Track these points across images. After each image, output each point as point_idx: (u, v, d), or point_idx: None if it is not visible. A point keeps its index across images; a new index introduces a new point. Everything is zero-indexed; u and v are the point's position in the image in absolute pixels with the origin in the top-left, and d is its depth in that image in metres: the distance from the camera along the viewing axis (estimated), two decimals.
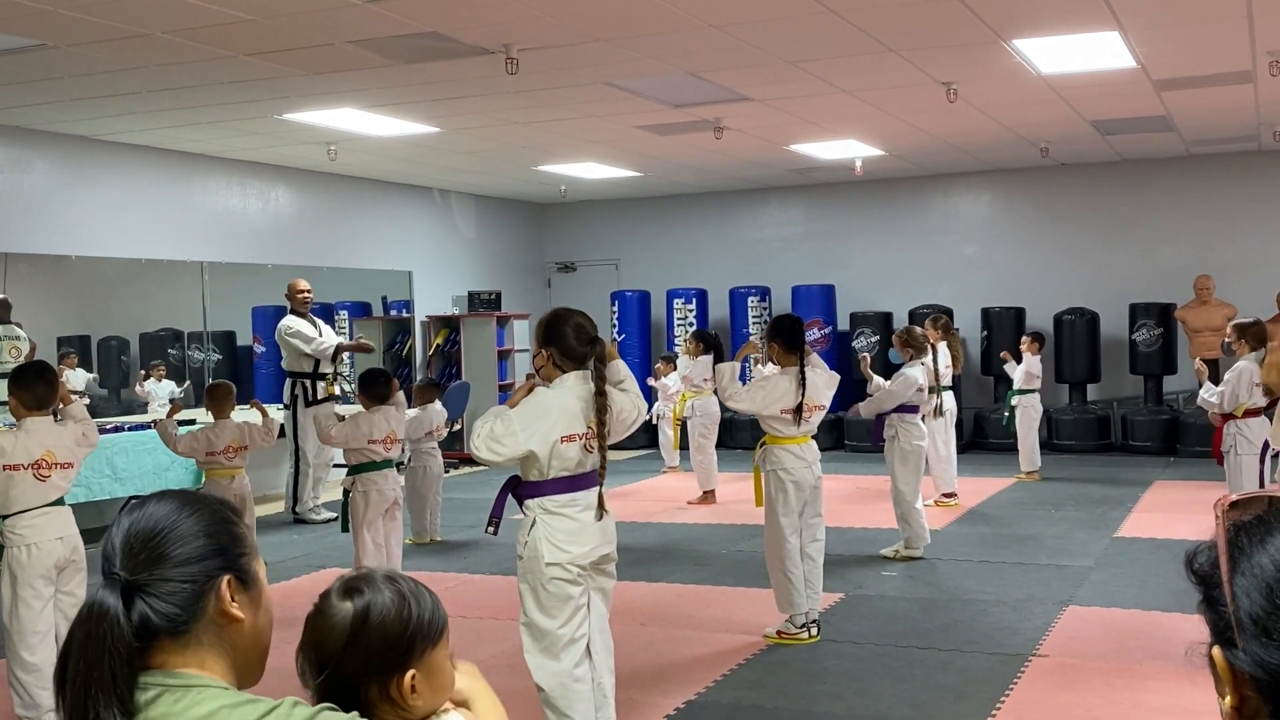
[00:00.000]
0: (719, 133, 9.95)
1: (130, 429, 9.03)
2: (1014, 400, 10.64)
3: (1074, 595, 6.57)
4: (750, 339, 10.08)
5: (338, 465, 8.24)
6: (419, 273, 13.55)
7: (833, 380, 6.12)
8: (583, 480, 4.07)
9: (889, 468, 7.83)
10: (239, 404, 7.31)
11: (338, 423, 6.86)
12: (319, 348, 9.72)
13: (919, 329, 8.62)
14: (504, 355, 13.51)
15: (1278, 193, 12.48)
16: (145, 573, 1.51)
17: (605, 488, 4.16)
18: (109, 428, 9.09)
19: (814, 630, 5.88)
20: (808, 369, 5.91)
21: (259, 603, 1.61)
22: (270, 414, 7.16)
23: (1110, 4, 6.41)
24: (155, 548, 1.52)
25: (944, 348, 9.36)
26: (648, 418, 6.67)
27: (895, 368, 8.32)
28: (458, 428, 11.25)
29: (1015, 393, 10.64)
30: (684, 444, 10.75)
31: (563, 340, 4.10)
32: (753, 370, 9.73)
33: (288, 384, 9.90)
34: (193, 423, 8.25)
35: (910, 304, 13.30)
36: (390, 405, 6.87)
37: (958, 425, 10.26)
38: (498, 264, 14.92)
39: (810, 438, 5.98)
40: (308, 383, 9.81)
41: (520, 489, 4.08)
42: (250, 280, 11.62)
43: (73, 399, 5.44)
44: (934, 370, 8.69)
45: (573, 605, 4.02)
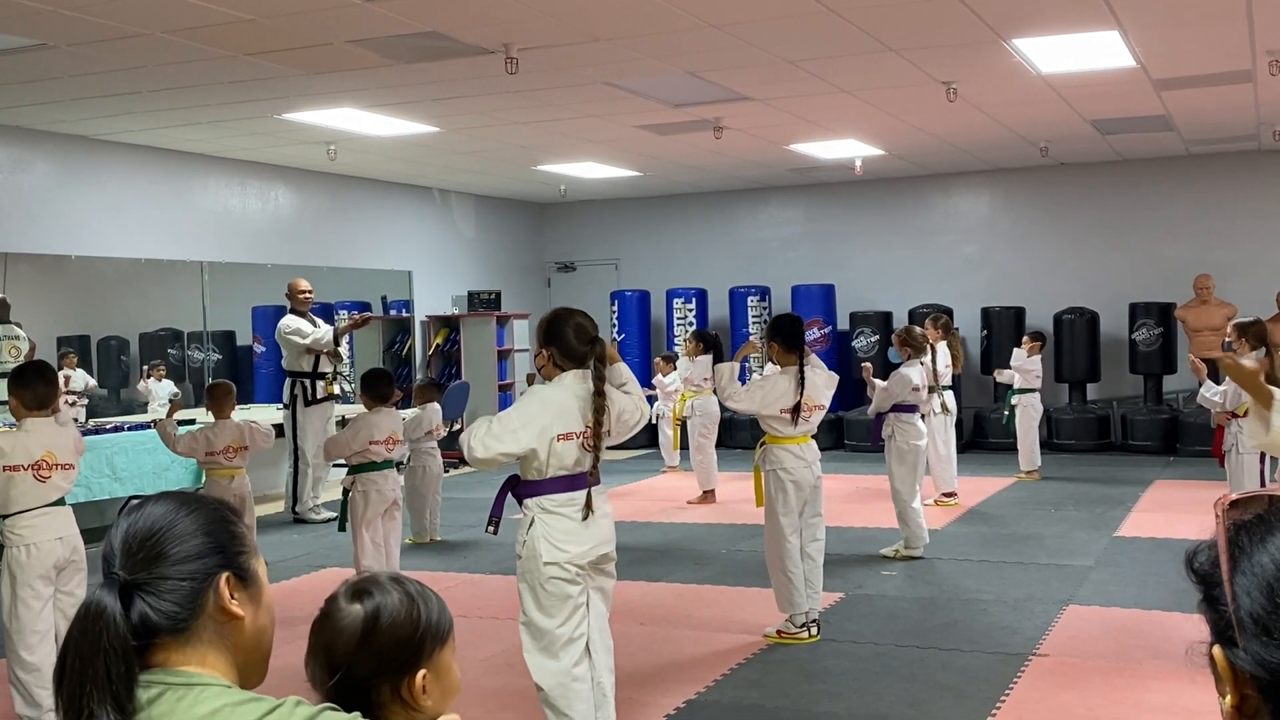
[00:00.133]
0: (719, 132, 9.95)
1: (130, 429, 9.03)
2: (1014, 400, 10.64)
3: (1074, 595, 6.57)
4: (750, 339, 10.09)
5: (338, 465, 8.23)
6: (419, 273, 13.55)
7: (832, 380, 6.12)
8: (581, 480, 4.07)
9: (887, 467, 7.85)
10: (238, 404, 7.31)
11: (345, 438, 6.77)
12: (316, 339, 9.75)
13: (918, 329, 8.64)
14: (504, 355, 13.52)
15: (1278, 193, 12.47)
16: (144, 572, 1.52)
17: (604, 488, 4.16)
18: (109, 427, 9.10)
19: (814, 630, 5.88)
20: (807, 369, 5.91)
21: (259, 601, 1.62)
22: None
23: (1110, 4, 6.40)
24: (153, 547, 1.54)
25: (944, 347, 9.37)
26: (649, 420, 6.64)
27: (895, 367, 8.32)
28: (457, 427, 11.25)
29: (1015, 392, 10.63)
30: (684, 444, 10.75)
31: (563, 340, 4.11)
32: (753, 370, 9.72)
33: (287, 383, 9.92)
34: (192, 422, 8.25)
35: (910, 304, 13.30)
36: (390, 405, 6.87)
37: (958, 425, 10.26)
38: (497, 264, 14.91)
39: (810, 437, 5.98)
40: (307, 382, 9.82)
41: (519, 488, 4.08)
42: (250, 280, 11.62)
43: (61, 409, 5.40)
44: (933, 370, 8.71)
45: (571, 604, 4.02)
